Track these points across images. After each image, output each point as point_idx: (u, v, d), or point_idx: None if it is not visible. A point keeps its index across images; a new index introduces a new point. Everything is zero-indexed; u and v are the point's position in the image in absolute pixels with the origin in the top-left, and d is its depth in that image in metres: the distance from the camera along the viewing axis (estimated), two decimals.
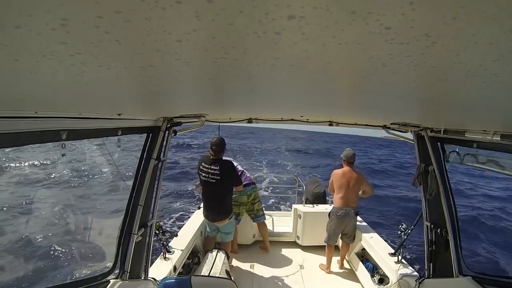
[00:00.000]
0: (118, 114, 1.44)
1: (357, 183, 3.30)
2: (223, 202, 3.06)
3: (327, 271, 3.53)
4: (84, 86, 0.66)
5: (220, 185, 2.94)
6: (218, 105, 1.48)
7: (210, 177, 2.92)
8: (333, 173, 3.44)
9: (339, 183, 3.32)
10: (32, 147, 10.58)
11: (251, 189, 3.70)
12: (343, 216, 3.30)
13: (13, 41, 0.35)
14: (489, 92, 0.61)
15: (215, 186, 2.95)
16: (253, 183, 3.78)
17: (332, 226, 3.40)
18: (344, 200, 3.30)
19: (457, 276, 2.04)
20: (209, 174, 2.93)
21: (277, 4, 0.27)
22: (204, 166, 2.98)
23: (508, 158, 1.62)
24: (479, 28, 0.30)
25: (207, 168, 2.95)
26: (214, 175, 2.91)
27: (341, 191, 3.31)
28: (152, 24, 0.31)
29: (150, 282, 2.04)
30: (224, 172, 2.91)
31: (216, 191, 3.00)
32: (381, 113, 1.58)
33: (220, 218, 3.07)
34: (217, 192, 3.01)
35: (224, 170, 2.91)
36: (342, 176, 3.32)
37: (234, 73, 0.58)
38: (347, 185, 3.28)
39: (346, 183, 3.28)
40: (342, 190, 3.30)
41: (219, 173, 2.90)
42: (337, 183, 3.34)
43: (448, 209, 2.12)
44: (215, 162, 2.94)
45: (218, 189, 2.99)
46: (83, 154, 12.38)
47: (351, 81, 0.65)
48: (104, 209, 7.27)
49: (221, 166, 2.92)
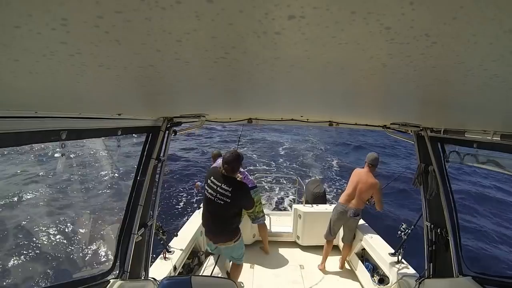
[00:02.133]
0: (118, 114, 1.44)
1: (367, 189, 3.18)
2: (226, 225, 2.55)
3: (320, 267, 3.55)
4: (84, 86, 0.66)
5: (227, 209, 2.41)
6: (218, 105, 1.48)
7: (218, 197, 2.38)
8: (354, 170, 3.48)
9: (350, 181, 3.38)
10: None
11: (253, 193, 3.60)
12: (341, 212, 3.35)
13: (13, 41, 0.35)
14: (489, 92, 0.61)
15: (221, 209, 2.41)
16: (255, 186, 3.71)
17: (331, 220, 3.48)
18: (346, 198, 3.34)
19: (457, 276, 2.04)
20: (217, 193, 2.38)
21: (277, 4, 0.27)
22: (213, 181, 2.42)
23: (508, 158, 1.62)
24: (479, 28, 0.30)
25: (217, 185, 2.39)
26: (223, 196, 2.37)
27: (348, 189, 3.36)
28: (152, 24, 0.31)
29: (150, 282, 2.04)
30: (236, 196, 2.37)
31: (220, 214, 2.48)
32: (381, 113, 1.58)
33: (224, 240, 2.57)
34: (221, 216, 2.49)
35: (237, 193, 2.37)
36: (356, 175, 3.34)
37: (234, 73, 0.58)
38: (355, 185, 3.28)
39: (355, 184, 3.28)
40: (350, 188, 3.33)
41: (231, 195, 2.35)
42: (350, 180, 3.40)
43: (448, 209, 2.12)
44: (228, 181, 2.39)
45: (224, 213, 2.46)
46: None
47: (351, 81, 0.65)
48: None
49: (235, 188, 2.37)
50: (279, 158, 14.28)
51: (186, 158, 12.77)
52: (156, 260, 2.64)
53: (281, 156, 14.66)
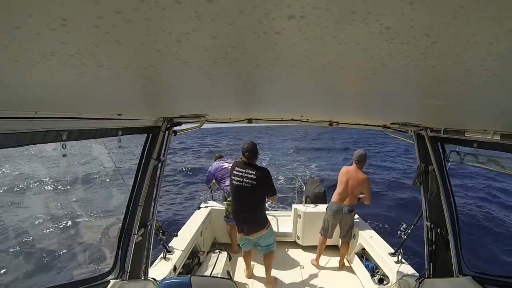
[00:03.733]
0: (118, 114, 1.44)
1: (358, 185, 3.31)
2: (257, 210, 2.81)
3: (314, 263, 3.59)
4: (84, 86, 0.66)
5: (255, 191, 2.68)
6: (218, 105, 1.48)
7: (244, 181, 2.67)
8: (340, 170, 3.52)
9: (340, 180, 3.42)
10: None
11: None
12: (336, 211, 3.40)
13: (13, 41, 0.35)
14: (489, 92, 0.61)
15: (249, 192, 2.68)
16: None
17: (326, 218, 3.53)
18: (339, 196, 3.40)
19: (457, 276, 2.04)
20: (243, 178, 2.68)
21: (277, 4, 0.27)
22: (238, 170, 2.73)
23: (508, 158, 1.62)
24: (479, 28, 0.30)
25: (241, 172, 2.70)
26: (249, 179, 2.67)
27: (339, 188, 3.41)
28: (152, 24, 0.31)
29: (150, 282, 2.04)
30: (260, 177, 2.67)
31: (250, 198, 2.73)
32: (381, 113, 1.58)
33: (258, 229, 2.81)
34: (251, 199, 2.74)
35: (260, 175, 2.68)
36: (345, 173, 3.39)
37: (234, 73, 0.58)
38: (345, 183, 3.35)
39: (346, 182, 3.35)
40: (341, 187, 3.39)
41: (255, 177, 2.65)
42: (339, 180, 3.45)
43: (448, 209, 2.12)
44: (250, 166, 2.72)
45: (252, 196, 2.72)
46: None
47: (351, 81, 0.65)
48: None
49: (257, 170, 2.69)
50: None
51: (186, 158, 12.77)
52: (156, 260, 2.64)
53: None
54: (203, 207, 4.01)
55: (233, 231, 3.77)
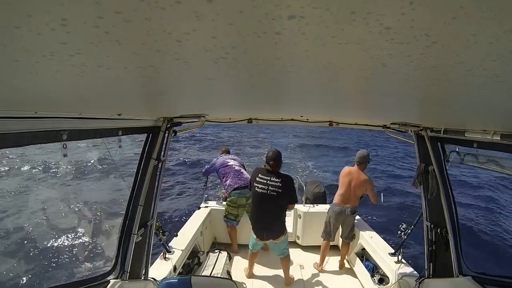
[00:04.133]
0: (118, 114, 1.44)
1: (360, 186, 3.27)
2: (279, 218, 2.82)
3: (318, 269, 3.55)
4: (84, 86, 0.66)
5: (279, 199, 2.68)
6: (218, 105, 1.48)
7: (269, 189, 2.65)
8: (342, 170, 3.48)
9: (342, 181, 3.38)
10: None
11: (249, 192, 3.67)
12: (338, 213, 3.36)
13: (13, 41, 0.35)
14: (489, 92, 0.61)
15: (274, 200, 2.67)
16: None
17: (327, 221, 3.48)
18: (341, 197, 3.35)
19: (457, 276, 2.04)
20: (268, 186, 2.66)
21: (277, 4, 0.27)
22: (262, 177, 2.70)
23: (508, 158, 1.62)
24: (479, 28, 0.30)
25: (266, 179, 2.68)
26: (274, 187, 2.65)
27: (341, 189, 3.37)
28: (152, 24, 0.31)
29: (150, 282, 2.04)
30: (285, 186, 2.67)
31: (273, 206, 2.73)
32: (381, 113, 1.58)
33: (277, 236, 2.84)
34: (275, 207, 2.75)
35: (285, 183, 2.68)
36: (347, 174, 3.35)
37: (234, 73, 0.58)
38: (348, 184, 3.31)
39: (348, 183, 3.31)
40: (343, 188, 3.35)
41: (281, 185, 2.65)
42: (340, 180, 3.40)
43: (448, 209, 2.12)
44: (276, 175, 2.70)
45: (276, 204, 2.72)
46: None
47: (351, 81, 0.65)
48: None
49: (283, 179, 2.68)
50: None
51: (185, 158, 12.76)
52: (156, 260, 2.64)
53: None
54: (203, 207, 4.01)
55: (233, 231, 3.76)
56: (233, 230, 3.75)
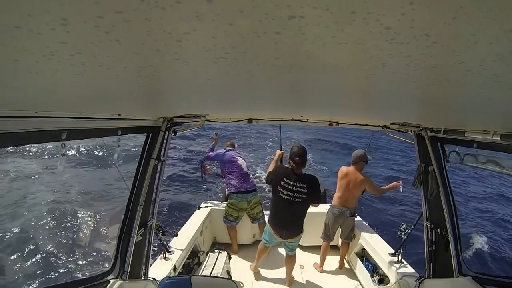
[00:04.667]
0: (118, 114, 1.44)
1: (358, 187, 3.26)
2: (301, 219, 2.78)
3: (319, 269, 3.54)
4: (84, 86, 0.66)
5: (304, 204, 2.62)
6: (218, 105, 1.48)
7: (296, 195, 2.55)
8: (339, 170, 3.45)
9: (340, 183, 3.36)
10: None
11: (251, 196, 3.59)
12: (338, 215, 3.35)
13: (13, 41, 0.35)
14: (489, 92, 0.61)
15: (299, 206, 2.60)
16: (255, 190, 3.66)
17: (327, 222, 3.47)
18: (340, 200, 3.34)
19: (457, 276, 2.04)
20: (294, 193, 2.55)
21: (277, 4, 0.27)
22: (287, 182, 2.57)
23: (508, 158, 1.62)
24: (479, 28, 0.30)
25: (292, 185, 2.56)
26: (301, 193, 2.55)
27: (340, 191, 3.35)
28: (152, 24, 0.31)
29: (150, 282, 2.04)
30: (312, 191, 2.57)
31: (298, 211, 2.67)
32: (381, 113, 1.58)
33: (295, 235, 2.82)
34: (299, 212, 2.69)
35: (312, 188, 2.57)
36: (344, 176, 3.32)
37: (234, 73, 0.58)
38: (346, 186, 3.30)
39: (346, 184, 3.30)
40: (341, 190, 3.33)
41: (307, 191, 2.54)
42: (338, 183, 3.38)
43: (448, 209, 2.12)
44: (302, 178, 2.58)
45: (301, 209, 2.66)
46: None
47: (351, 81, 0.65)
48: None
49: (309, 182, 2.57)
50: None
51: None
52: (156, 260, 2.64)
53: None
54: (203, 207, 4.01)
55: (232, 231, 3.76)
56: (233, 230, 3.74)
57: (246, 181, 3.59)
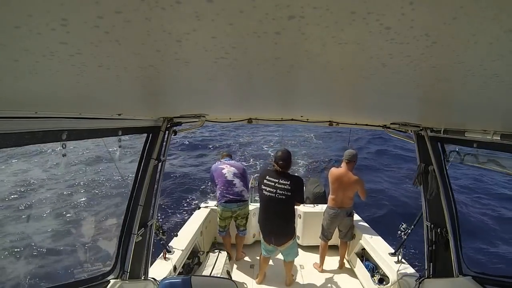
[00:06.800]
0: (118, 114, 1.44)
1: (351, 187, 3.25)
2: (289, 221, 2.71)
3: (319, 269, 3.54)
4: (84, 86, 0.66)
5: (289, 202, 2.60)
6: (218, 105, 1.48)
7: (278, 192, 2.56)
8: (329, 173, 3.42)
9: (333, 186, 3.33)
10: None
11: (236, 206, 3.35)
12: (334, 216, 3.35)
13: (13, 41, 0.35)
14: (489, 92, 0.61)
15: (282, 204, 2.59)
16: (242, 201, 3.38)
17: (324, 223, 3.47)
18: (334, 202, 3.33)
19: (457, 276, 2.04)
20: (277, 189, 2.57)
21: (277, 4, 0.27)
22: (270, 180, 2.60)
23: (508, 158, 1.62)
24: (479, 28, 0.30)
25: (274, 182, 2.58)
26: (284, 190, 2.56)
27: (333, 193, 3.33)
28: (152, 24, 0.31)
29: (150, 282, 2.04)
30: (295, 188, 2.58)
31: (283, 210, 2.64)
32: (381, 113, 1.58)
33: (286, 240, 2.76)
34: (284, 211, 2.65)
35: (295, 185, 2.59)
36: (336, 179, 3.29)
37: (234, 73, 0.58)
38: (339, 189, 3.28)
39: (338, 186, 3.28)
40: (335, 193, 3.32)
41: (290, 188, 2.55)
42: (331, 185, 3.35)
43: (448, 209, 2.12)
44: (285, 176, 2.60)
45: (285, 207, 2.63)
46: None
47: (351, 81, 0.65)
48: None
49: (292, 180, 2.58)
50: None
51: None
52: (156, 260, 2.64)
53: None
54: (203, 207, 4.01)
55: (224, 239, 3.70)
56: (225, 238, 3.67)
57: (229, 190, 3.35)
